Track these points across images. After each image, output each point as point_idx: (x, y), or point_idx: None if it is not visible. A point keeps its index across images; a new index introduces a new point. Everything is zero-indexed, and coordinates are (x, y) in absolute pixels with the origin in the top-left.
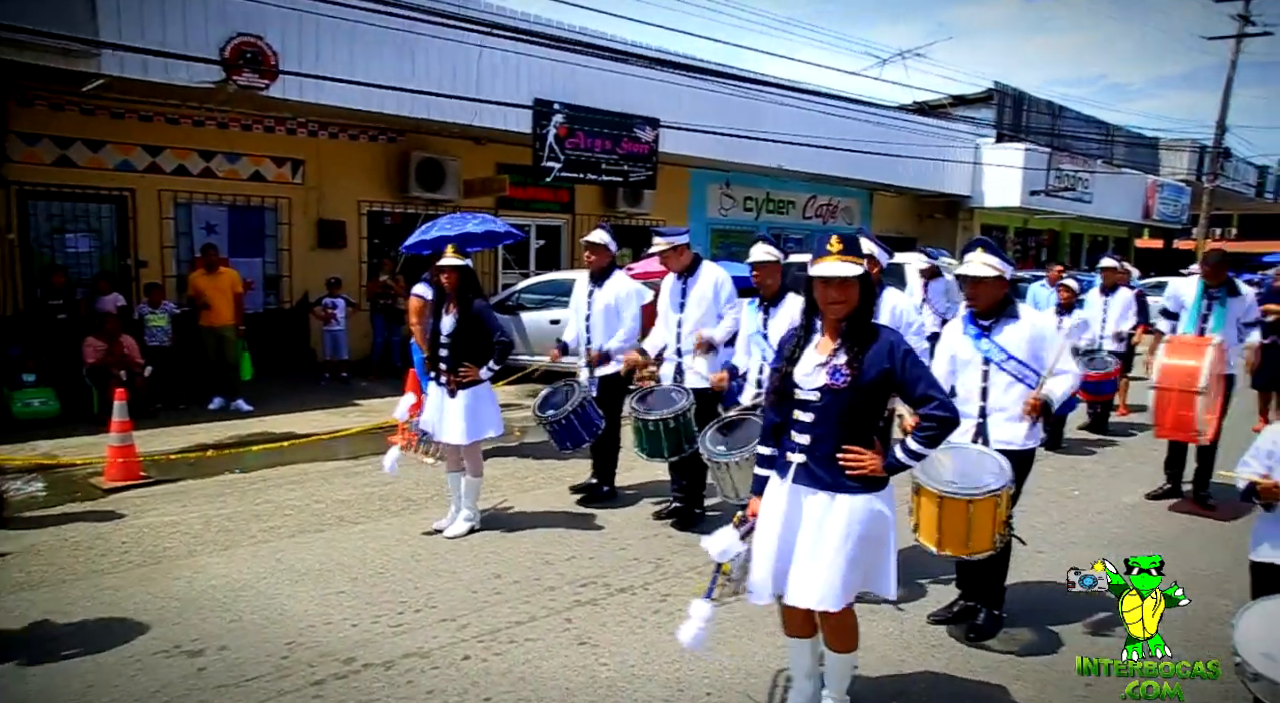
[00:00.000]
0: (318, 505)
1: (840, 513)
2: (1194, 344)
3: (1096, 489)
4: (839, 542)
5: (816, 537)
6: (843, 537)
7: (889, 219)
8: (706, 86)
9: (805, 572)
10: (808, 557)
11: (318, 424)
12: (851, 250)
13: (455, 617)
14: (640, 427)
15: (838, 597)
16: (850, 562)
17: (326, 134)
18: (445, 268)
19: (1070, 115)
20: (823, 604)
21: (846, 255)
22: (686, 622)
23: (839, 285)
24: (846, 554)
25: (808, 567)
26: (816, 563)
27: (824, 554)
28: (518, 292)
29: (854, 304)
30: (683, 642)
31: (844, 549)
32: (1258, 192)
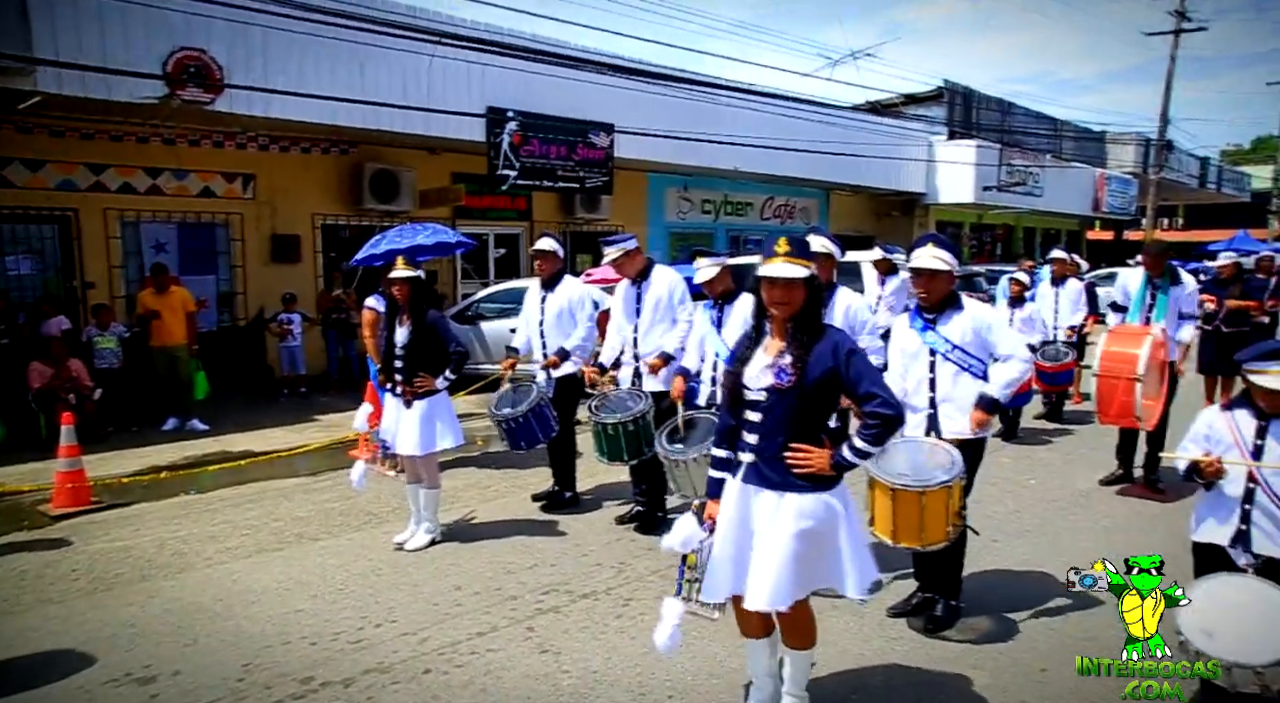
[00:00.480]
0: (276, 524)
1: (788, 512)
2: (1134, 333)
3: (1052, 478)
4: (787, 540)
5: (766, 537)
6: (790, 535)
7: (846, 218)
8: (661, 91)
9: (758, 573)
10: (759, 557)
11: (276, 442)
12: (799, 252)
13: (416, 630)
14: (599, 431)
15: (785, 595)
16: (798, 559)
17: (277, 147)
18: (396, 280)
19: (1019, 111)
20: (773, 604)
21: (793, 257)
22: (660, 623)
23: (784, 286)
24: (793, 552)
25: (759, 568)
26: (766, 563)
27: (773, 554)
28: (477, 300)
29: (799, 305)
30: (658, 644)
31: (791, 547)
32: (1200, 182)
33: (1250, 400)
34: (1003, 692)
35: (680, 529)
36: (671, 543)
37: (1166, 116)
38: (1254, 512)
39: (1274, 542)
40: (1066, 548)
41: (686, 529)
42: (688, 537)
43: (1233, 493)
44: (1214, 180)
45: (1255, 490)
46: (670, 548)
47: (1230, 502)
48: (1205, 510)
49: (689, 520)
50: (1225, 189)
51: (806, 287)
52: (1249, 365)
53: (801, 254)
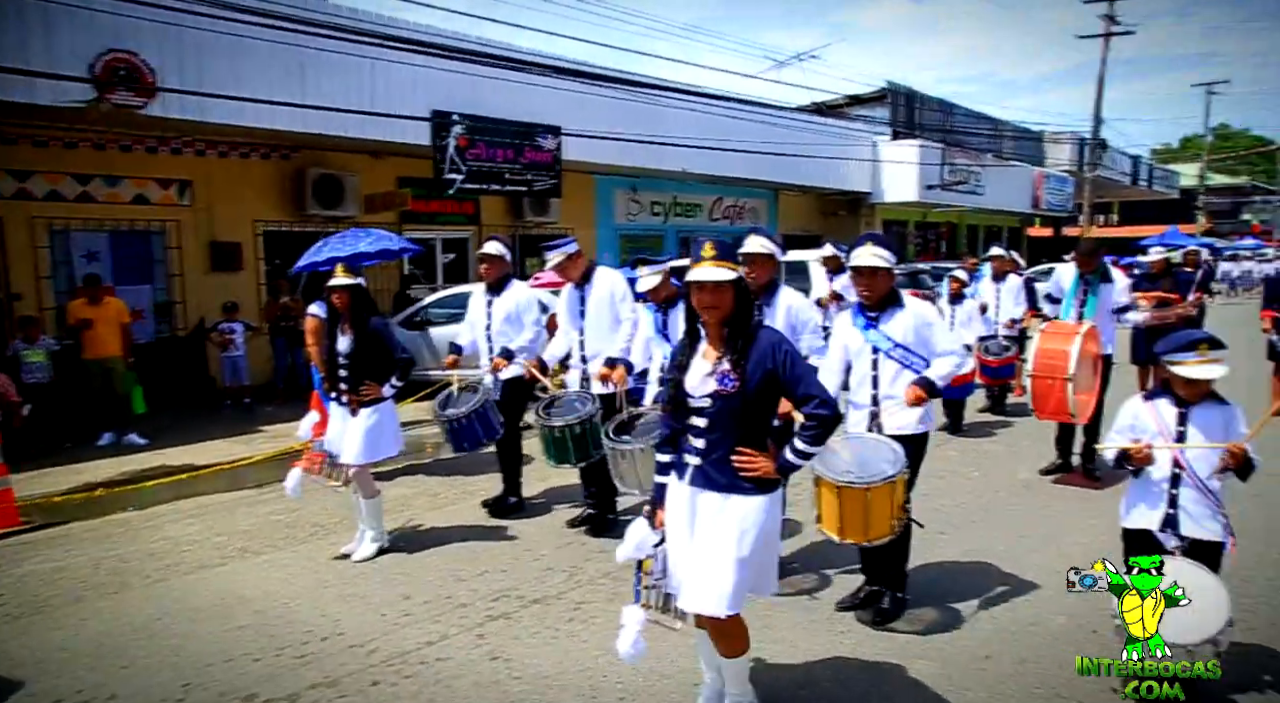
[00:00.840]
0: (219, 539)
1: (733, 515)
2: (1066, 332)
3: (996, 469)
4: (732, 544)
5: (710, 541)
6: (735, 539)
7: (795, 218)
8: (608, 93)
9: (699, 576)
10: (700, 561)
11: (220, 454)
12: (725, 255)
13: (364, 642)
14: (546, 434)
15: (727, 601)
16: (741, 565)
17: (215, 153)
18: (336, 287)
19: (960, 112)
20: (709, 610)
21: (720, 260)
22: (622, 631)
23: (712, 289)
24: (740, 558)
25: (701, 570)
26: (709, 567)
27: (717, 558)
28: (425, 306)
29: (728, 308)
30: (621, 653)
31: (737, 552)
32: (1133, 180)
33: (1170, 389)
34: (948, 680)
35: (633, 535)
36: (625, 550)
37: (1100, 117)
38: (1180, 496)
39: (1199, 524)
40: (1010, 537)
41: (639, 535)
42: (640, 542)
43: (1159, 479)
44: (1145, 178)
45: (1180, 475)
46: (625, 556)
47: (1158, 488)
48: (1134, 497)
49: (641, 526)
50: (1156, 186)
51: (735, 289)
52: (1168, 357)
53: (728, 257)
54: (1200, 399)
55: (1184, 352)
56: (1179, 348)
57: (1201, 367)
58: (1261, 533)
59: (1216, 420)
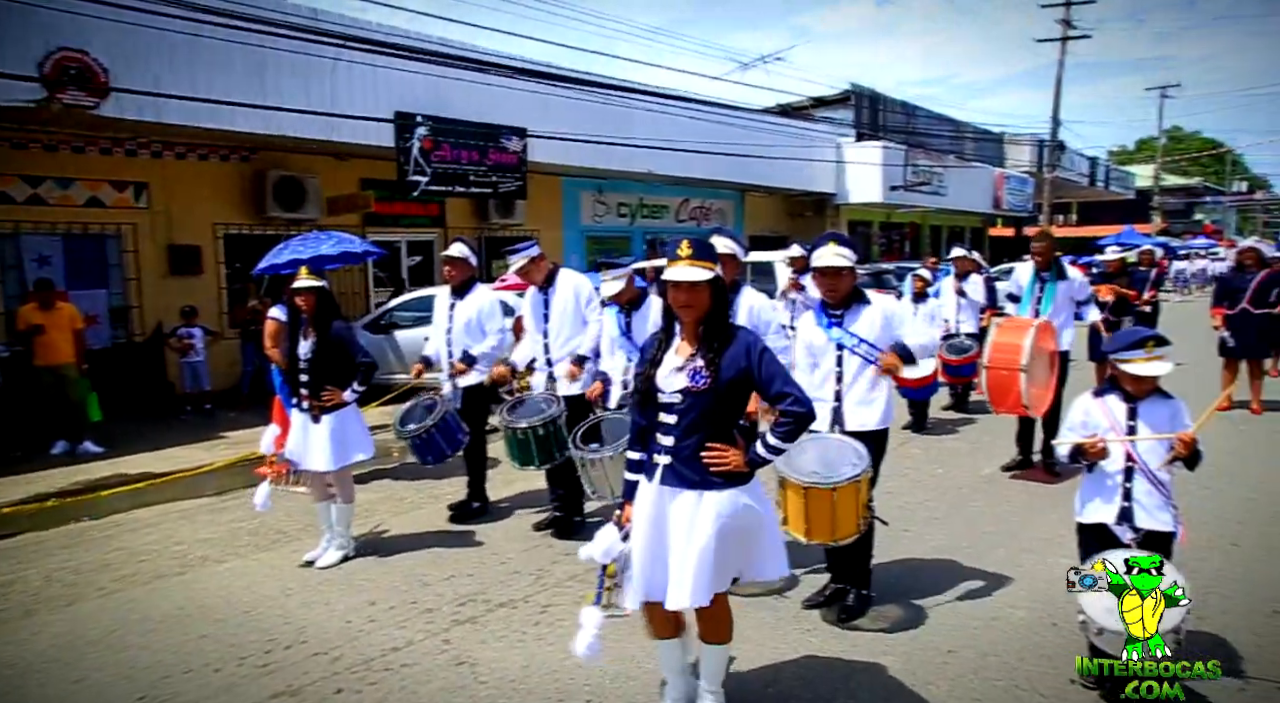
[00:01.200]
0: (178, 548)
1: (708, 510)
2: (1019, 325)
3: (958, 466)
4: (708, 540)
5: (687, 536)
6: (712, 534)
7: (761, 218)
8: (574, 95)
9: (678, 574)
10: (679, 557)
11: (179, 461)
12: (701, 255)
13: (327, 650)
14: (510, 436)
15: (707, 591)
16: (719, 558)
17: (172, 154)
18: (300, 290)
19: (923, 113)
20: (696, 601)
21: (696, 259)
22: (579, 632)
23: (688, 288)
24: (715, 551)
25: (679, 567)
26: (688, 562)
27: (694, 553)
28: (390, 309)
29: (705, 307)
30: (578, 654)
31: (713, 546)
32: (1090, 181)
33: (1118, 386)
34: (912, 675)
35: (602, 539)
36: (592, 552)
37: (1058, 119)
38: (1134, 489)
39: (1152, 515)
40: (972, 533)
41: (608, 539)
42: (608, 547)
43: (1113, 473)
44: (1102, 179)
45: (1133, 469)
46: (590, 558)
47: (1112, 482)
48: (1089, 493)
49: (610, 531)
50: (1113, 187)
51: (711, 288)
52: (1116, 355)
53: (704, 256)
54: (1147, 395)
55: (1132, 350)
56: (1127, 346)
57: (1149, 364)
58: (1210, 524)
59: (1163, 414)
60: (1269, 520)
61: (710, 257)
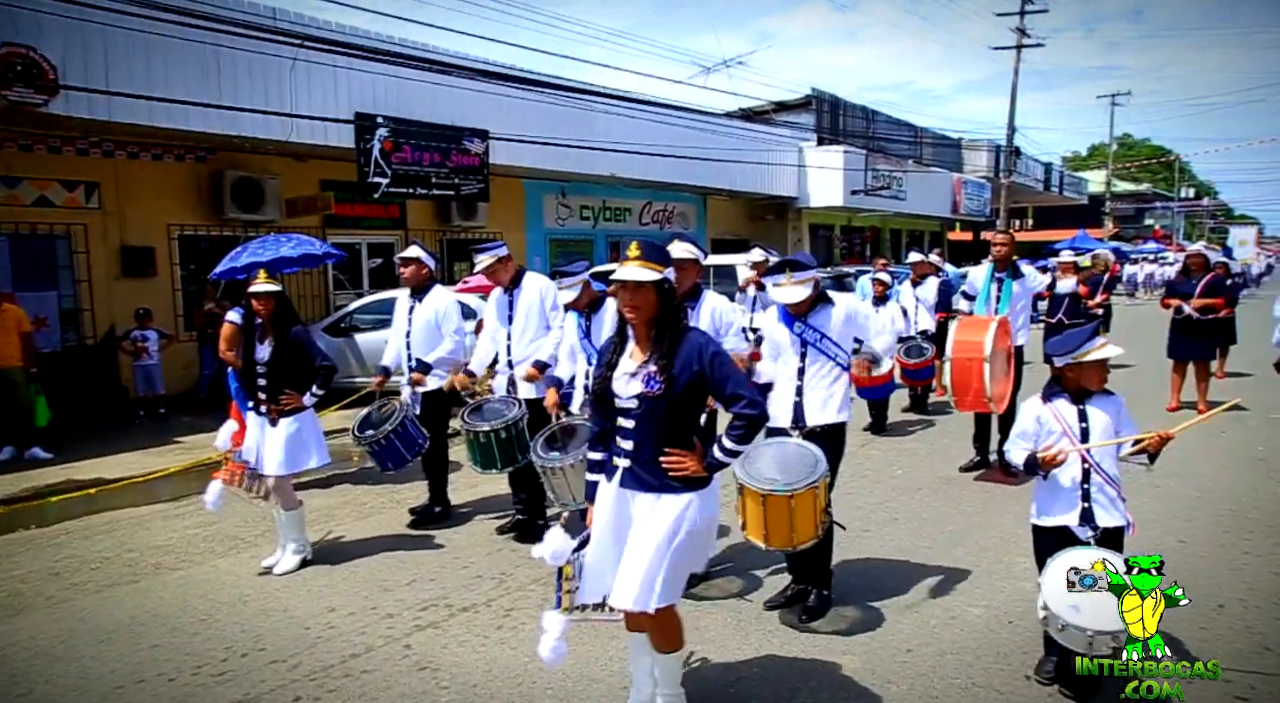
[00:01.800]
0: (131, 555)
1: (665, 514)
2: (980, 322)
3: (917, 467)
4: (663, 542)
5: (642, 537)
6: (667, 537)
7: (723, 222)
8: (537, 97)
9: (629, 572)
10: (632, 556)
11: (132, 467)
12: (650, 256)
13: (286, 657)
14: (472, 440)
15: (656, 597)
16: (673, 563)
17: (125, 153)
18: (257, 294)
19: (883, 118)
20: (638, 605)
21: (644, 260)
22: (543, 636)
23: (633, 289)
24: (670, 555)
25: (630, 567)
26: (640, 563)
27: (646, 555)
28: (350, 312)
29: (652, 309)
30: (542, 658)
31: (668, 550)
32: (1045, 186)
33: (1064, 388)
34: (872, 674)
35: (551, 542)
36: (542, 555)
37: (1013, 125)
38: (1092, 490)
39: (1108, 512)
40: (931, 534)
41: (556, 542)
42: (558, 550)
43: (1072, 477)
44: (1057, 184)
45: (1090, 471)
46: (540, 559)
47: (1071, 485)
48: (1048, 496)
49: (559, 533)
50: (1067, 192)
51: (657, 290)
52: (1070, 354)
53: (653, 258)
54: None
55: (1085, 343)
56: (1079, 343)
57: (1105, 349)
58: (1158, 522)
59: (1110, 410)
60: (1214, 518)
61: (659, 259)
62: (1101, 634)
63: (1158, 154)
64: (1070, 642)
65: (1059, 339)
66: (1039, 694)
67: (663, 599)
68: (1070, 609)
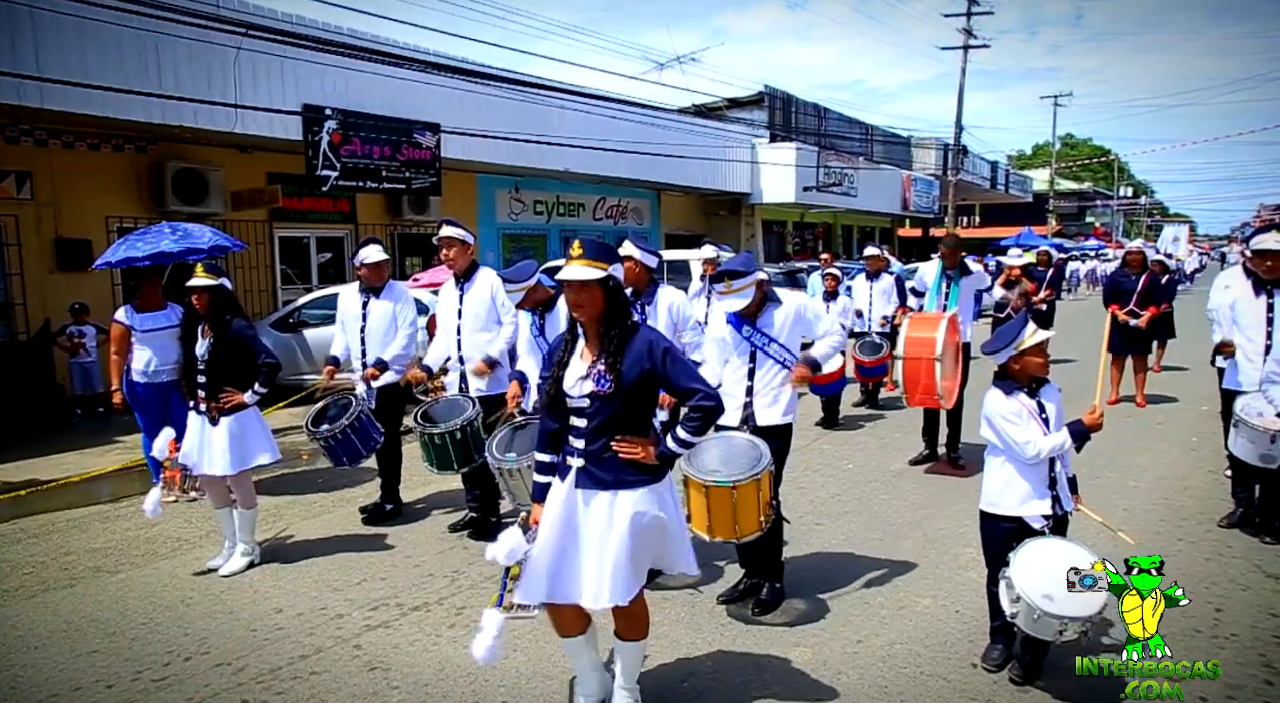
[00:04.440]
0: (67, 558)
1: (624, 509)
2: (930, 319)
3: (869, 460)
4: (626, 538)
5: (603, 537)
6: (629, 532)
7: (677, 218)
8: (490, 91)
9: (595, 572)
10: (596, 558)
11: (69, 467)
12: (594, 255)
13: (231, 660)
14: (426, 440)
15: (626, 591)
16: (634, 556)
17: (59, 143)
18: (194, 289)
19: (834, 116)
20: (615, 600)
21: (588, 259)
22: (479, 635)
23: (578, 288)
24: (632, 549)
25: (597, 567)
26: (605, 562)
27: (611, 553)
28: (298, 307)
29: (598, 307)
30: (476, 656)
31: (630, 544)
32: (991, 184)
33: (1016, 382)
34: (824, 665)
35: (506, 541)
36: (496, 554)
37: (960, 124)
38: (1058, 479)
39: (1068, 499)
40: (881, 525)
41: (512, 541)
42: (512, 549)
43: (1041, 471)
44: (1003, 183)
45: (1055, 461)
46: (494, 559)
47: (1040, 476)
48: (1017, 488)
49: (514, 533)
50: (1012, 190)
51: (603, 288)
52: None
53: (596, 256)
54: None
55: (1019, 332)
56: (1015, 334)
57: (1040, 333)
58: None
59: (1055, 398)
60: (1149, 506)
61: (604, 257)
62: (1074, 620)
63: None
64: (1041, 631)
65: (992, 338)
66: (986, 681)
67: (629, 591)
68: (1044, 599)
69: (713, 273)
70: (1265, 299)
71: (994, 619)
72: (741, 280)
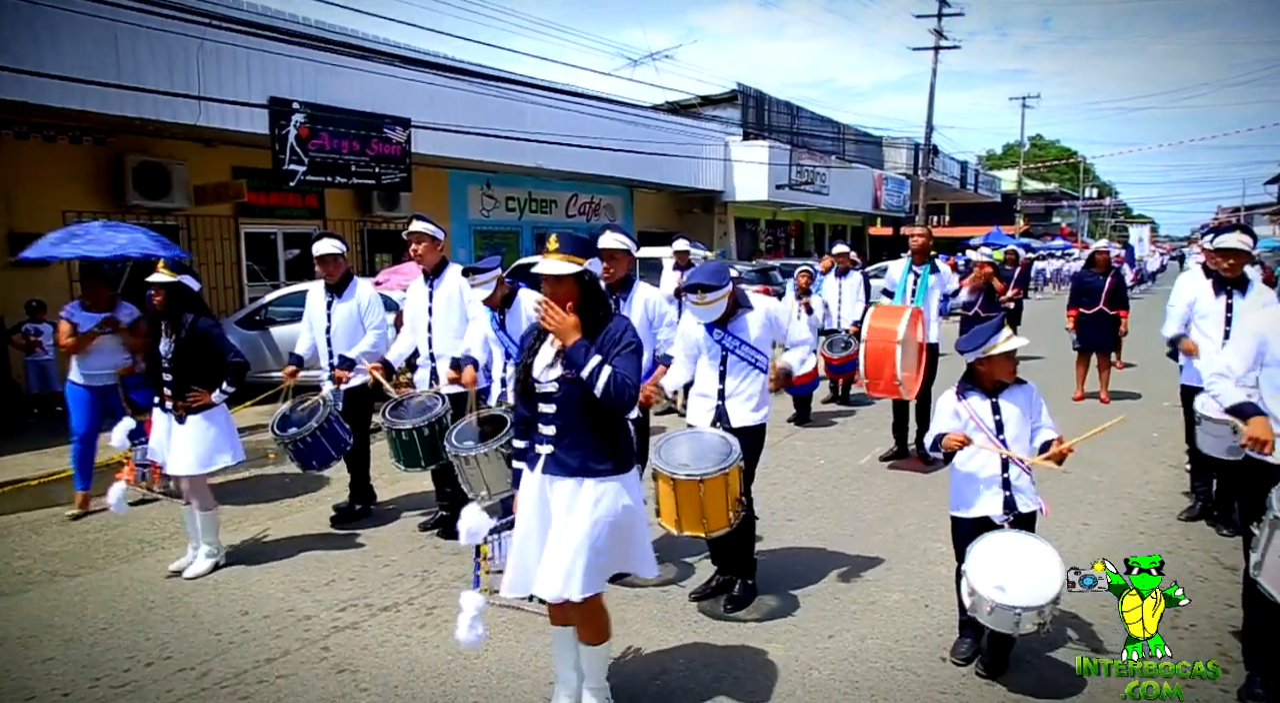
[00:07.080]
0: (22, 562)
1: (587, 499)
2: (894, 310)
3: (840, 456)
4: (586, 527)
5: (565, 523)
6: (590, 522)
7: (650, 215)
8: (462, 86)
9: (551, 560)
10: (555, 545)
11: (24, 468)
12: (569, 248)
13: (194, 665)
14: (394, 438)
15: (581, 585)
16: (595, 549)
17: (13, 133)
18: (151, 285)
19: (807, 115)
20: (566, 593)
21: (564, 253)
22: (460, 616)
23: (554, 282)
24: (593, 540)
25: (553, 555)
26: (562, 550)
27: (568, 542)
28: (265, 304)
29: (573, 301)
30: (460, 639)
31: (590, 535)
32: (961, 183)
33: (976, 383)
34: (795, 661)
35: (467, 519)
36: (460, 535)
37: (931, 124)
38: (1012, 479)
39: (1026, 498)
40: (851, 521)
41: (472, 519)
42: (473, 527)
43: (992, 471)
44: (973, 182)
45: (1008, 462)
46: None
47: (990, 476)
48: (970, 489)
49: (473, 511)
50: (982, 190)
51: (578, 282)
52: (979, 349)
53: (572, 250)
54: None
55: (992, 337)
56: (987, 337)
57: (1011, 341)
58: (1063, 507)
59: (1022, 401)
60: (1113, 501)
61: (579, 251)
62: (1029, 610)
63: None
64: (999, 623)
65: (967, 336)
66: (955, 675)
67: (586, 588)
68: (996, 590)
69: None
70: (1224, 299)
71: (962, 614)
72: (713, 293)
